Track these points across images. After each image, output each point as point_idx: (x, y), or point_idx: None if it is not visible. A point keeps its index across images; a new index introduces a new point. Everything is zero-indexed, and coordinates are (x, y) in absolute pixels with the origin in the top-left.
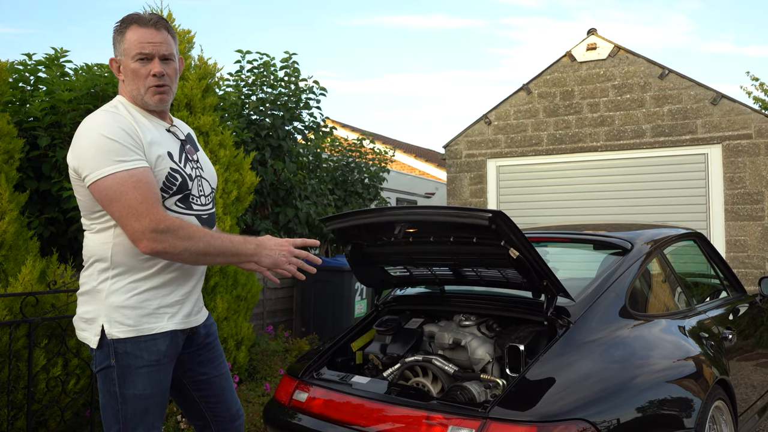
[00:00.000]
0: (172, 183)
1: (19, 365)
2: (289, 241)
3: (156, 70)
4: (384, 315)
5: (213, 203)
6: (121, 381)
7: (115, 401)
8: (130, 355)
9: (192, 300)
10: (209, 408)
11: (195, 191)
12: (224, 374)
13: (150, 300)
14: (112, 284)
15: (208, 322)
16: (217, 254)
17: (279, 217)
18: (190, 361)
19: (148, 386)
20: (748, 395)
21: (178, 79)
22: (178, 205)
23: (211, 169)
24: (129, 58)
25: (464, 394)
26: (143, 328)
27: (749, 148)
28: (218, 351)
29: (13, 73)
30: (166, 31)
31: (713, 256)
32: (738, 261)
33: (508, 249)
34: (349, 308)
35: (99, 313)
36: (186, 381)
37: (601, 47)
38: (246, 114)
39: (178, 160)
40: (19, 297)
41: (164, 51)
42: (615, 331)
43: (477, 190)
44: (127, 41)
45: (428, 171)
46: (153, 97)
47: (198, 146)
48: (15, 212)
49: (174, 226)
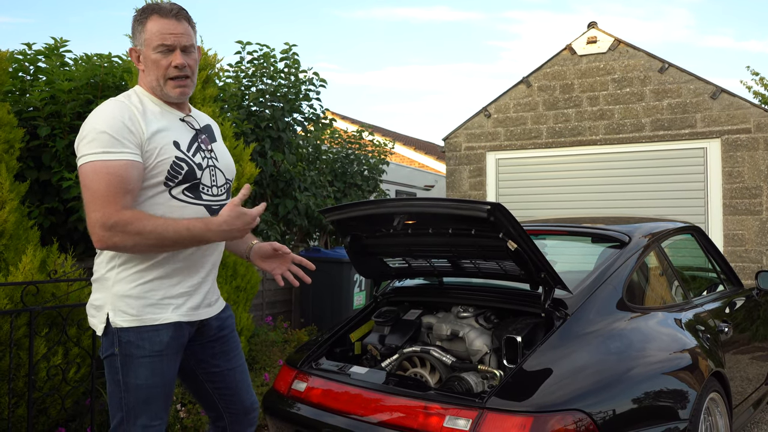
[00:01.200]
0: (177, 172)
1: (20, 354)
2: (256, 214)
3: (178, 61)
4: (382, 306)
5: (228, 194)
6: (125, 369)
7: (119, 389)
8: (133, 345)
9: (201, 292)
10: (222, 399)
11: (207, 181)
12: (238, 367)
13: (155, 290)
14: (119, 273)
15: (223, 315)
16: (170, 245)
17: (278, 209)
18: (202, 352)
19: (150, 376)
20: (744, 388)
21: (197, 69)
22: (186, 194)
23: (228, 160)
24: (150, 48)
25: (462, 385)
26: (146, 318)
27: (748, 142)
28: (233, 344)
29: (13, 63)
30: (186, 22)
31: (710, 250)
32: (735, 255)
33: (506, 241)
34: (348, 299)
35: (105, 301)
36: (199, 372)
37: (601, 41)
38: (246, 105)
39: (186, 149)
40: (20, 286)
41: (185, 42)
42: (612, 323)
43: (476, 183)
44: (148, 31)
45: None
46: (174, 89)
47: (216, 137)
48: (15, 202)
49: (123, 221)
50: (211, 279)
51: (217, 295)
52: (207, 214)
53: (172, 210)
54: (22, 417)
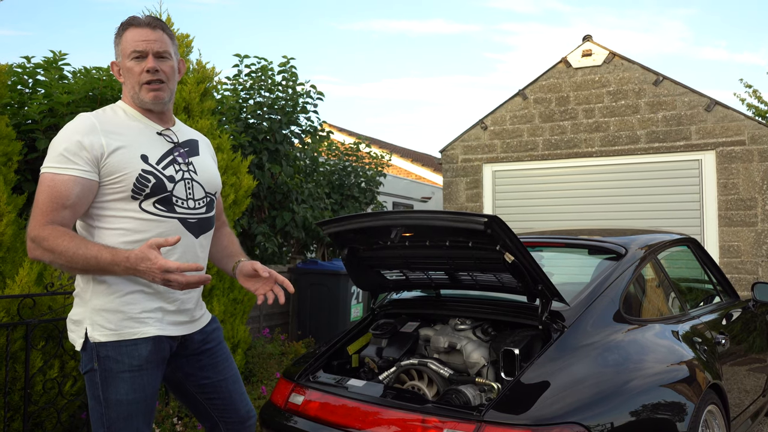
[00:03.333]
0: (143, 185)
1: (16, 367)
2: (161, 266)
3: (149, 65)
4: (380, 318)
5: (209, 207)
6: (104, 385)
7: (100, 405)
8: (111, 360)
9: (183, 307)
10: (216, 410)
11: (180, 194)
12: (230, 377)
13: (133, 304)
14: (96, 286)
15: (208, 329)
16: (81, 270)
17: (276, 221)
18: (189, 366)
19: (130, 391)
20: (741, 400)
21: (176, 78)
22: (158, 207)
23: (211, 174)
24: (126, 57)
25: (459, 398)
26: (124, 333)
27: (743, 154)
28: (222, 356)
29: (11, 76)
30: (161, 30)
31: (707, 262)
32: (731, 266)
33: (503, 253)
34: (345, 312)
35: (84, 316)
36: (189, 386)
37: (596, 53)
38: (243, 118)
39: (155, 162)
40: (17, 299)
41: (158, 48)
42: (609, 336)
43: (473, 195)
44: (124, 42)
45: (424, 175)
46: (147, 94)
47: (200, 152)
48: (13, 214)
49: (41, 236)
50: (195, 293)
51: (203, 310)
52: (181, 227)
53: (143, 223)
54: (17, 430)
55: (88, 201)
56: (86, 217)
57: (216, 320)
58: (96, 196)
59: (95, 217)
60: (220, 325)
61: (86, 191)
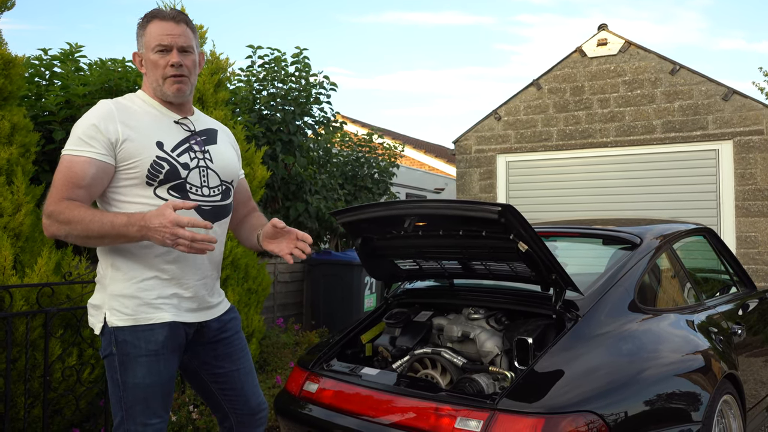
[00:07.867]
0: (157, 171)
1: (36, 355)
2: (173, 219)
3: (174, 60)
4: (393, 308)
5: (224, 195)
6: (122, 368)
7: (118, 388)
8: (129, 344)
9: (199, 294)
10: (227, 400)
11: (195, 181)
12: (243, 368)
13: (148, 290)
14: (114, 273)
15: (225, 317)
16: (97, 237)
17: (289, 212)
18: (205, 354)
19: (147, 375)
20: (757, 391)
21: (197, 71)
22: (171, 194)
23: (228, 162)
24: (149, 50)
25: (473, 386)
26: (141, 318)
27: (761, 144)
28: (238, 346)
29: (29, 68)
30: (185, 25)
31: (723, 252)
32: (748, 257)
33: (516, 243)
34: (359, 301)
35: (103, 301)
36: (203, 374)
37: (611, 43)
38: (257, 109)
39: (170, 150)
40: (36, 288)
41: (182, 42)
42: (623, 325)
43: (486, 186)
44: (148, 34)
45: (438, 166)
46: (171, 87)
47: (219, 140)
48: (31, 205)
49: (57, 210)
50: (211, 280)
51: (221, 297)
52: (196, 214)
53: None
54: (37, 417)
55: (103, 183)
56: (103, 202)
57: (234, 310)
58: (112, 181)
59: (111, 201)
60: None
61: (101, 173)
